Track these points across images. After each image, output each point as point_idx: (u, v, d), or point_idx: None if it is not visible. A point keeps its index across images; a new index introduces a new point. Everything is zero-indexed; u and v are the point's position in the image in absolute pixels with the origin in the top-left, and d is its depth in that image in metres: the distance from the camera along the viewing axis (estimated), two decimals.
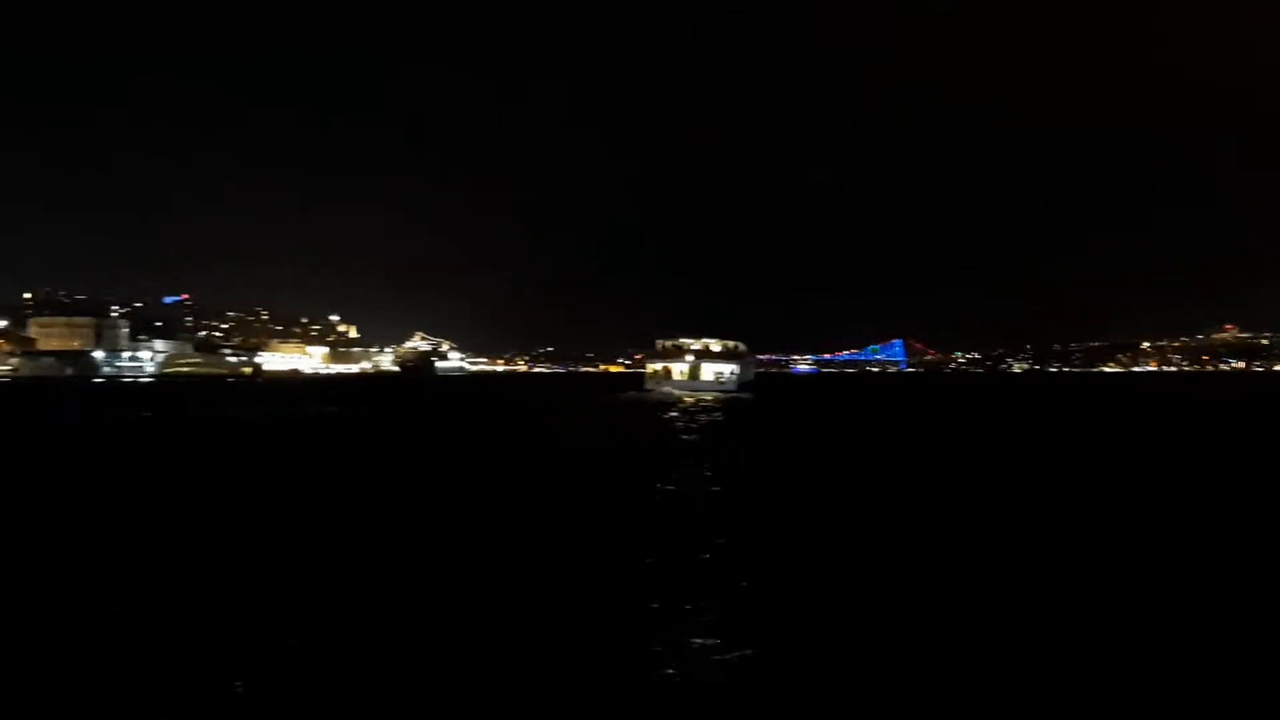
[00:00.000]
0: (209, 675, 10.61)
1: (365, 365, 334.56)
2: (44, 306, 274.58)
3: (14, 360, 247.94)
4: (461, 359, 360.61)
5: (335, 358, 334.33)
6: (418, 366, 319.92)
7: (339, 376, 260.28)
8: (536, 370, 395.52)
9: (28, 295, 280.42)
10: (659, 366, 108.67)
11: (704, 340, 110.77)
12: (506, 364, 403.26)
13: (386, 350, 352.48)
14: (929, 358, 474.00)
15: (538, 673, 10.76)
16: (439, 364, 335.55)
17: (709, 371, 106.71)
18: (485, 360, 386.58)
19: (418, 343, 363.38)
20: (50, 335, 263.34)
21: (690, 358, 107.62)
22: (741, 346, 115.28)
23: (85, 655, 11.29)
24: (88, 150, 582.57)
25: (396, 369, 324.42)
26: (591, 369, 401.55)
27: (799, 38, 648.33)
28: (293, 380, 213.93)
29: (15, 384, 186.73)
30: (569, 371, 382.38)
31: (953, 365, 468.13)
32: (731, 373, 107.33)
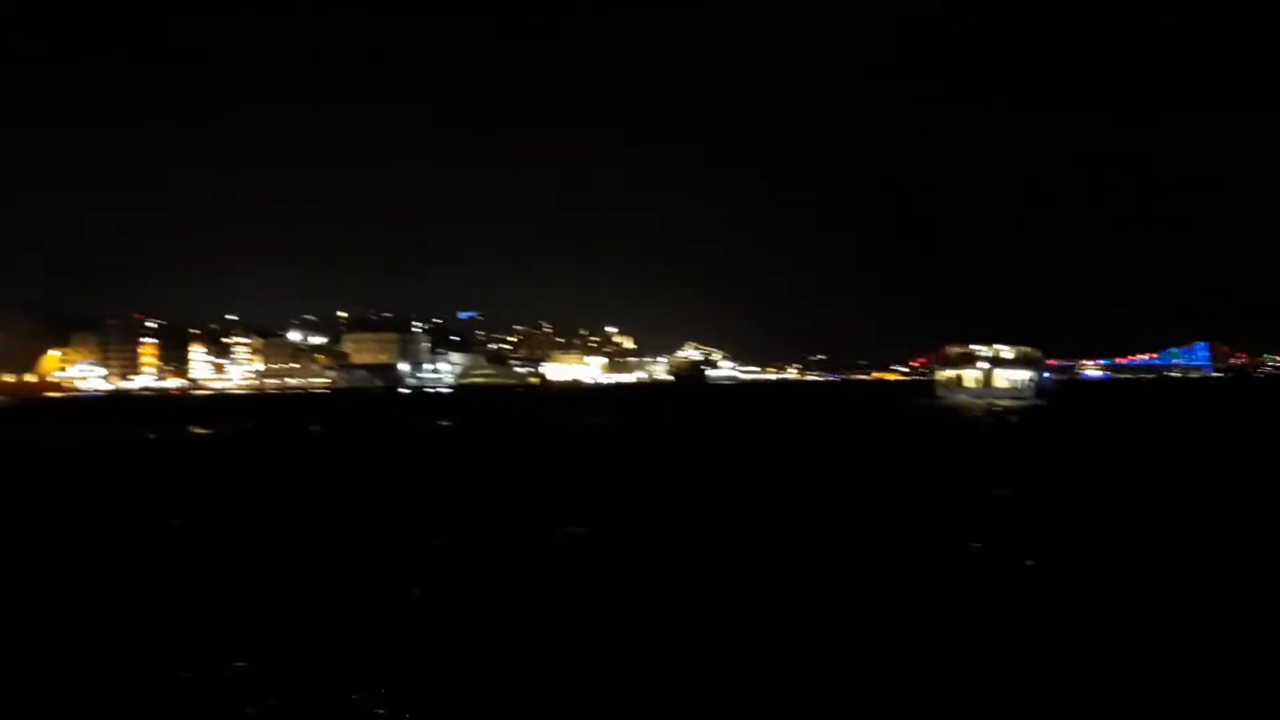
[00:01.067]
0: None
1: (640, 375, 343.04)
2: (356, 324, 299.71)
3: (332, 373, 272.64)
4: (733, 367, 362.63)
5: (612, 368, 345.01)
6: (690, 375, 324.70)
7: (616, 386, 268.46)
8: (809, 378, 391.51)
9: (342, 314, 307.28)
10: (950, 374, 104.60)
11: (995, 346, 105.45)
12: (778, 371, 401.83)
13: (660, 360, 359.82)
14: (1237, 361, 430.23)
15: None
16: (710, 373, 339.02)
17: (1003, 379, 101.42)
18: (757, 368, 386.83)
19: (690, 352, 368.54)
20: (362, 350, 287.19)
21: (983, 364, 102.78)
22: (1035, 352, 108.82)
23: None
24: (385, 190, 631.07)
25: (670, 378, 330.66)
26: (864, 376, 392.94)
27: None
28: (574, 390, 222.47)
29: (334, 394, 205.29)
30: (843, 380, 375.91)
31: (1265, 369, 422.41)
32: (1030, 380, 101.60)
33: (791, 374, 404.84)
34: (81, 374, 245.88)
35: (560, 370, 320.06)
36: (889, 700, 10.20)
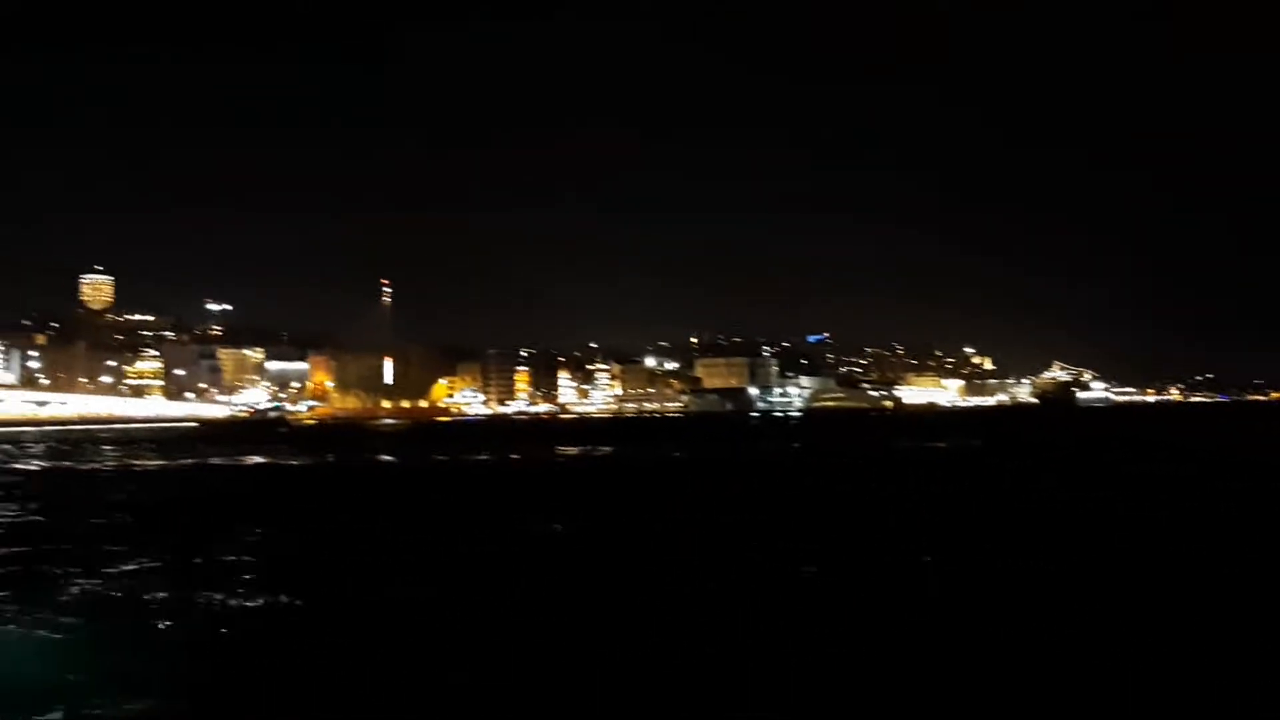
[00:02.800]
0: None
1: (1001, 398, 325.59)
2: (708, 349, 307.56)
3: (685, 397, 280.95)
4: (1105, 389, 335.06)
5: (971, 390, 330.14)
6: (1058, 398, 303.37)
7: (976, 409, 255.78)
8: (1194, 400, 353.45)
9: (694, 339, 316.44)
10: None
11: None
12: (1157, 393, 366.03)
13: (1023, 381, 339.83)
14: None
15: None
16: (1081, 395, 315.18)
17: None
18: (1133, 389, 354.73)
19: (1056, 373, 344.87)
20: (713, 374, 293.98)
21: None
22: None
23: None
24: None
25: (1034, 401, 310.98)
26: (1261, 397, 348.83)
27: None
28: (930, 413, 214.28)
29: (687, 418, 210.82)
30: (1234, 401, 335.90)
31: None
32: None
33: (1174, 395, 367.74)
34: (465, 400, 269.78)
35: (915, 393, 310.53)
36: None
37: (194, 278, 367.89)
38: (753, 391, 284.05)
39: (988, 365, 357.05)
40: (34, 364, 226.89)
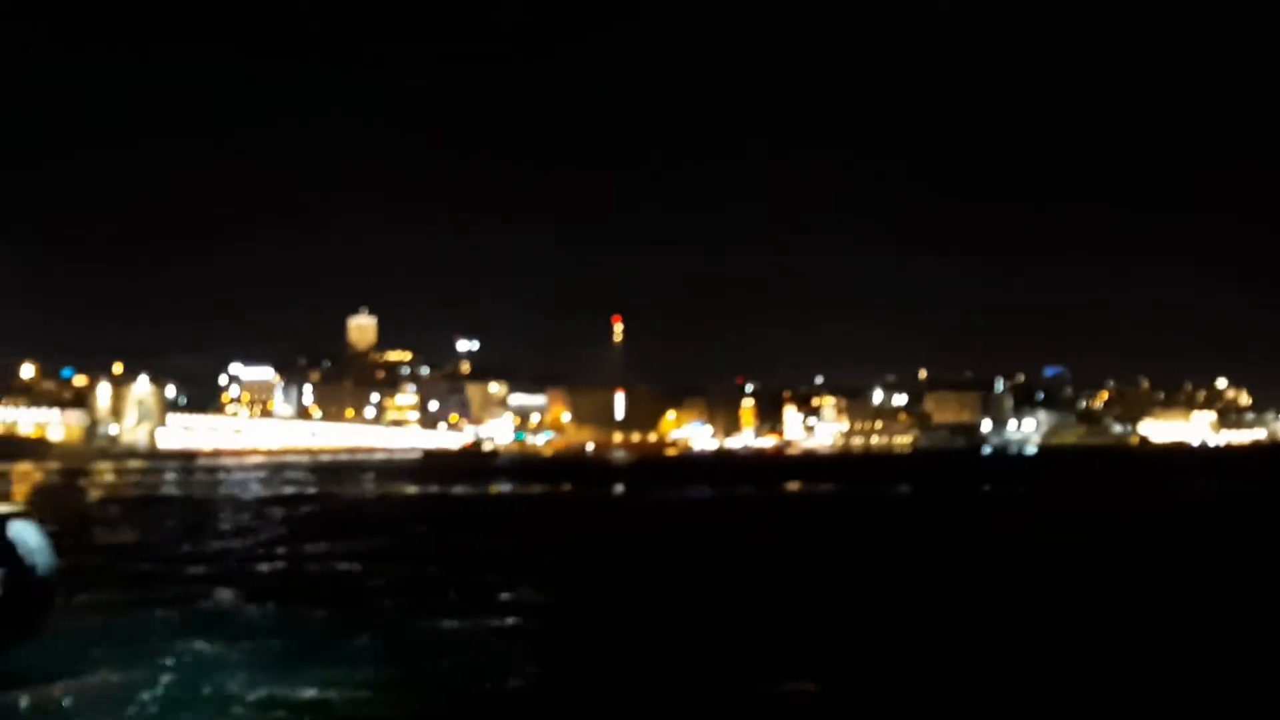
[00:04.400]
0: None
1: (1259, 433, 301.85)
2: (937, 383, 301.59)
3: (914, 432, 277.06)
4: None
5: (1224, 425, 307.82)
6: None
7: (1229, 448, 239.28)
8: None
9: (923, 373, 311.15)
10: None
11: None
12: None
13: None
14: None
15: None
16: None
17: None
18: None
19: None
20: (944, 409, 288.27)
21: None
22: None
23: None
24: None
25: None
26: None
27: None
28: (1180, 452, 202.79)
29: (916, 454, 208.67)
30: None
31: None
32: None
33: None
34: (692, 434, 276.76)
35: (1161, 429, 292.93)
36: None
37: (445, 318, 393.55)
38: (985, 427, 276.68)
39: (1244, 399, 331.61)
40: (307, 398, 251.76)
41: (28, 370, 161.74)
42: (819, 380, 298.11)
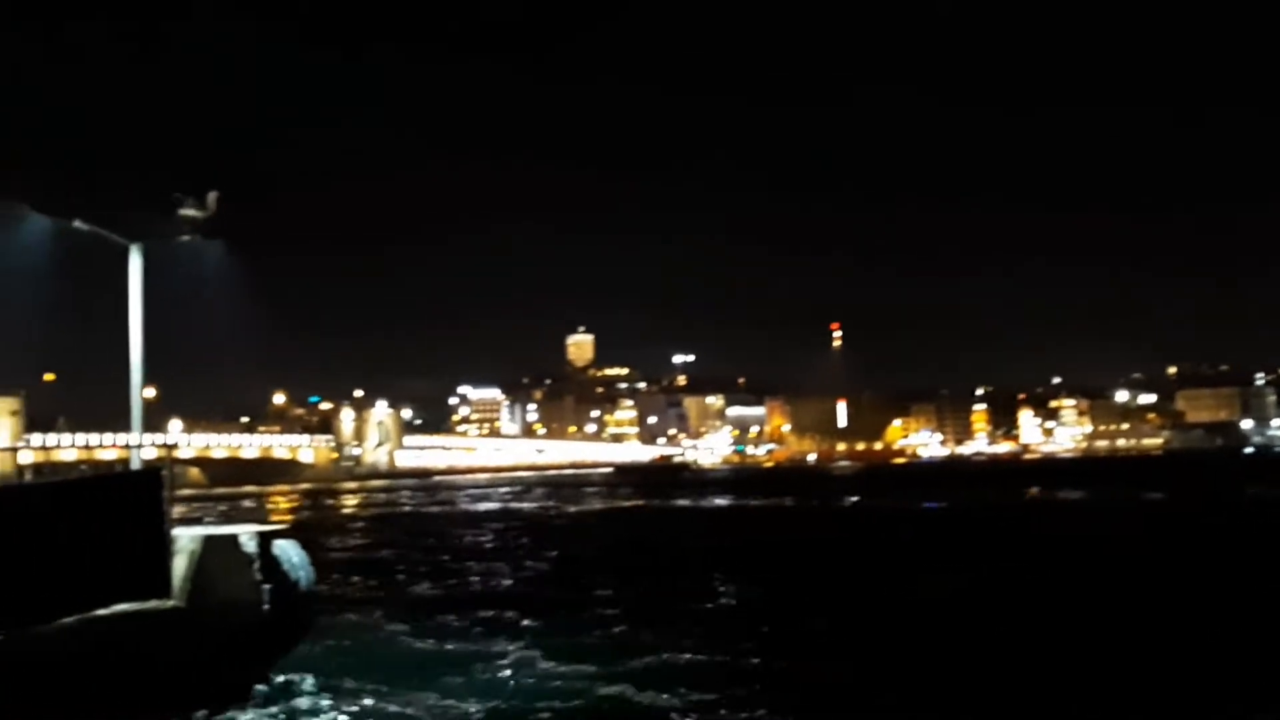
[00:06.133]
0: None
1: None
2: (1189, 380, 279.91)
3: (1165, 433, 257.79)
4: None
5: None
6: None
7: None
8: None
9: (1172, 369, 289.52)
10: None
11: None
12: None
13: None
14: None
15: None
16: None
17: None
18: None
19: None
20: (1198, 407, 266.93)
21: None
22: None
23: None
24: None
25: None
26: None
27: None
28: None
29: (1167, 456, 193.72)
30: None
31: None
32: None
33: None
34: (921, 441, 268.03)
35: None
36: None
37: (660, 332, 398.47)
38: (1245, 425, 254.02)
39: None
40: (531, 416, 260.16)
41: (279, 398, 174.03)
42: (1056, 380, 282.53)
